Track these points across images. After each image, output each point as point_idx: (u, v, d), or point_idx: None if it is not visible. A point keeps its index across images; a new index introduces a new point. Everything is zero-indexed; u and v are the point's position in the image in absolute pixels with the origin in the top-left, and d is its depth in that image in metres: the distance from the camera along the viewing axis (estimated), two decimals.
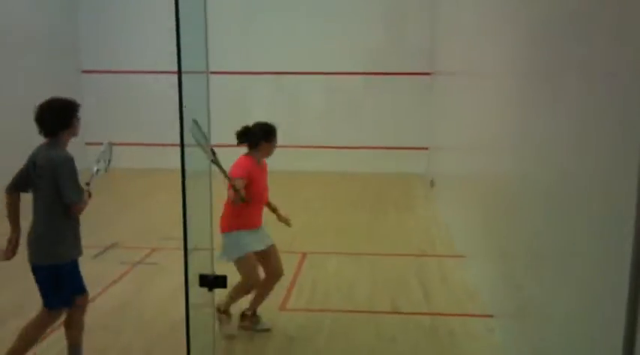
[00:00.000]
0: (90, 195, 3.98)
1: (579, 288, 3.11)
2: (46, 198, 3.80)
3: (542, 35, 3.95)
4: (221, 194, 5.66)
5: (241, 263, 4.72)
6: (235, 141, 4.78)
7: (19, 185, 3.92)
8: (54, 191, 3.77)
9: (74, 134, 3.99)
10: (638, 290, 2.43)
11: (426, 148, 11.56)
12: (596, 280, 2.89)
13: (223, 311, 4.91)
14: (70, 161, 3.82)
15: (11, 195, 3.92)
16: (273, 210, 5.11)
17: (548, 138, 3.74)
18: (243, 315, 4.99)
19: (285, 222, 5.13)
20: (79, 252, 4.00)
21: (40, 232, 3.82)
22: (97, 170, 4.24)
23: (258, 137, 4.79)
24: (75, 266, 3.98)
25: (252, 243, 4.77)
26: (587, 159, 3.03)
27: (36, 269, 3.87)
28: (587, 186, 3.02)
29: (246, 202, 4.52)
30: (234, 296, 4.88)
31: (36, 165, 3.84)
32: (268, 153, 4.90)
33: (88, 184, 3.99)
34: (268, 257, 4.90)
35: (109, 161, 4.48)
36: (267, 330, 4.96)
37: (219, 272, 2.62)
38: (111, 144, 4.61)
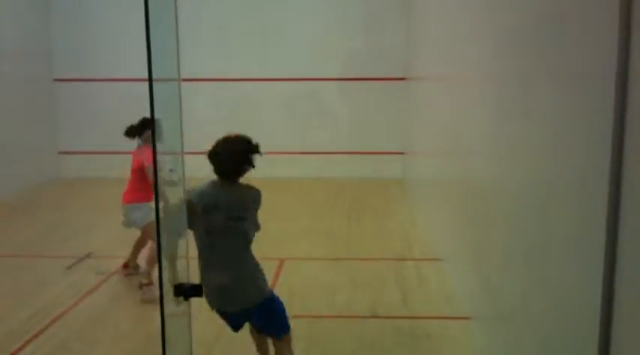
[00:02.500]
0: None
1: (554, 290, 3.14)
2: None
3: (514, 41, 4.00)
4: None
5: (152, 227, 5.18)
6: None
7: None
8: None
9: None
10: (612, 291, 2.46)
11: (402, 153, 11.61)
12: (571, 281, 2.92)
13: (147, 284, 5.78)
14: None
15: None
16: None
17: (522, 141, 3.78)
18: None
19: None
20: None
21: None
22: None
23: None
24: None
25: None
26: (560, 161, 3.06)
27: None
28: (561, 189, 3.06)
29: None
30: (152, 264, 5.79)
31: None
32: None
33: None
34: None
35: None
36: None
37: (194, 280, 2.61)
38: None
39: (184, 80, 2.53)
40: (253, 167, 3.74)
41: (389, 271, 6.57)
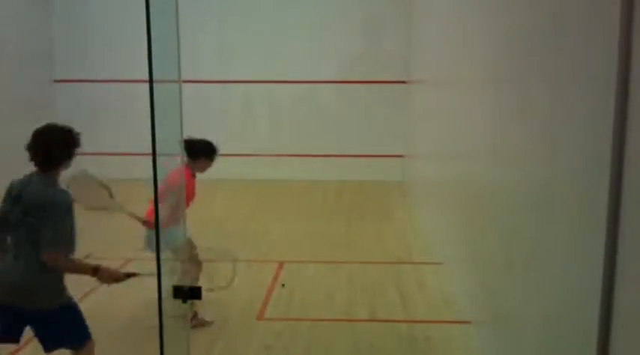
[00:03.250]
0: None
1: (554, 294, 3.14)
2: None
3: (514, 46, 4.00)
4: (197, 203, 5.65)
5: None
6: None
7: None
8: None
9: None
10: (612, 296, 2.45)
11: (402, 156, 11.61)
12: (570, 286, 2.91)
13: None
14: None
15: None
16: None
17: (522, 145, 3.78)
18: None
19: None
20: None
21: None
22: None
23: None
24: None
25: None
26: (560, 165, 3.06)
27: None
28: (560, 193, 3.05)
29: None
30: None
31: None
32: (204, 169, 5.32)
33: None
34: None
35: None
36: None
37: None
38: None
39: (185, 82, 2.53)
40: (70, 159, 3.60)
41: (388, 274, 6.56)
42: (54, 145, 3.55)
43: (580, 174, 2.79)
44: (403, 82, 11.48)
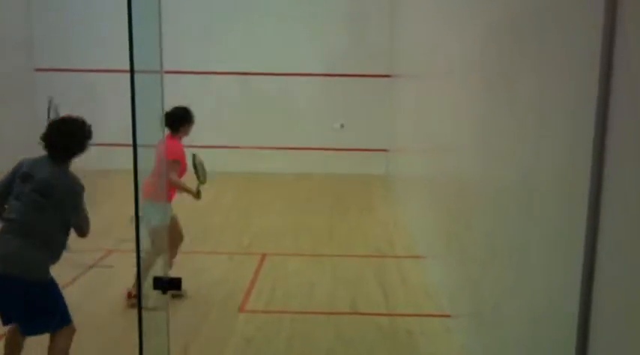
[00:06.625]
0: None
1: (534, 288, 3.16)
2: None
3: (499, 38, 4.01)
4: (178, 195, 5.61)
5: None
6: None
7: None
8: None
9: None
10: (591, 290, 2.48)
11: (386, 150, 11.63)
12: (551, 280, 2.93)
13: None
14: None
15: None
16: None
17: (505, 139, 3.80)
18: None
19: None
20: None
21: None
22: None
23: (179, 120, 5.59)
24: None
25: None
26: (543, 160, 3.08)
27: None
28: (543, 187, 3.07)
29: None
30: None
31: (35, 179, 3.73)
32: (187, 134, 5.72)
33: None
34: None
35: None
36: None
37: (172, 274, 2.59)
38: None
39: (167, 72, 2.51)
40: (82, 151, 3.87)
41: (370, 268, 6.57)
42: (71, 138, 3.82)
43: (563, 168, 2.80)
44: (387, 76, 11.49)
